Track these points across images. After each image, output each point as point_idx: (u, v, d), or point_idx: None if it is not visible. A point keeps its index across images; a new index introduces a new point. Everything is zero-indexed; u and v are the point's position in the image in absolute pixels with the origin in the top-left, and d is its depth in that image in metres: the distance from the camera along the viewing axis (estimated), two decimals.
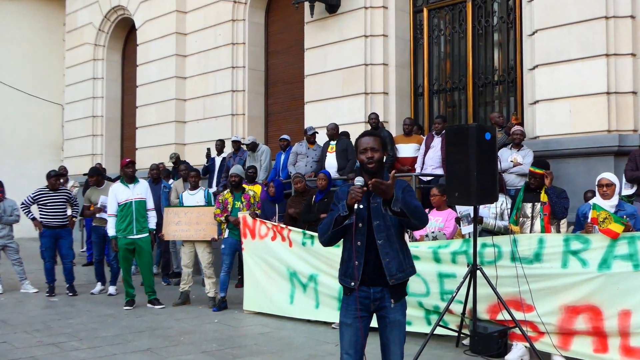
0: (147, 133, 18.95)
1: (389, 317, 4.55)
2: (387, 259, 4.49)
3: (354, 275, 4.51)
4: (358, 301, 4.51)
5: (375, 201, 4.51)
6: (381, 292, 4.53)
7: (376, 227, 4.49)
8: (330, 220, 4.47)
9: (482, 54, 12.76)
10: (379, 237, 4.49)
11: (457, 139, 6.75)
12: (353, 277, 4.52)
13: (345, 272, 4.60)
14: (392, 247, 4.51)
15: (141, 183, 10.66)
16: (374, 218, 4.50)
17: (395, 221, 4.50)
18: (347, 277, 4.57)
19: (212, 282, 10.55)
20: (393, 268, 4.50)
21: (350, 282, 4.54)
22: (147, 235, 10.52)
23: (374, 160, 4.52)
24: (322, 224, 4.58)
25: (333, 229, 4.45)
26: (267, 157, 13.53)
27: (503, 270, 7.03)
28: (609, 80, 10.12)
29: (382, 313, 4.58)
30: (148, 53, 19.02)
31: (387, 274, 4.48)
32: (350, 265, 4.55)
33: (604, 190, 7.34)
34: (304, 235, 9.07)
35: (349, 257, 4.57)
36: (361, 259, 4.49)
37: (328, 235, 4.50)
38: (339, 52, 13.88)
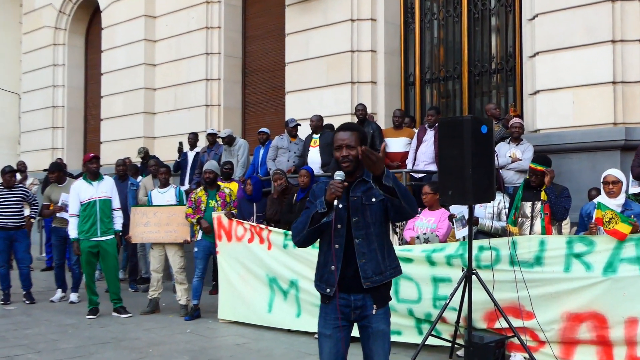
0: (112, 125, 18.85)
1: (371, 327, 4.53)
2: (362, 259, 4.46)
3: (330, 281, 4.49)
4: (339, 309, 4.48)
5: (355, 194, 4.48)
6: (363, 300, 4.51)
7: (354, 224, 4.46)
8: (306, 218, 4.44)
9: (479, 40, 12.79)
10: (357, 235, 4.46)
11: (451, 132, 6.75)
12: (329, 283, 4.50)
13: (321, 278, 4.59)
14: (370, 246, 4.48)
15: (106, 180, 10.60)
16: (352, 214, 4.47)
17: (377, 218, 4.49)
18: (323, 283, 4.56)
19: (183, 289, 10.52)
20: (369, 270, 4.47)
21: (326, 288, 4.53)
22: (112, 237, 10.46)
23: (349, 159, 4.47)
24: (297, 223, 4.55)
25: (309, 227, 4.41)
26: (244, 151, 13.50)
27: (501, 274, 7.05)
28: (615, 69, 10.17)
29: (364, 322, 4.55)
30: (114, 37, 18.92)
31: (361, 277, 4.44)
32: (326, 270, 4.53)
33: (610, 188, 7.38)
34: (285, 236, 9.05)
35: (325, 261, 4.55)
36: (339, 263, 4.46)
37: (303, 234, 4.47)
38: (322, 37, 13.87)
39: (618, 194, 7.35)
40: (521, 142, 10.09)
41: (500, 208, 8.35)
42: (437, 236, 8.46)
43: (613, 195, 7.35)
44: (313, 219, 4.38)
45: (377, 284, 4.49)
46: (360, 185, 4.52)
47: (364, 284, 4.44)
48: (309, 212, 4.43)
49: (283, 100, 14.83)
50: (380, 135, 11.70)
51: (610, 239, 6.65)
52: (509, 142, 10.15)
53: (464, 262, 7.25)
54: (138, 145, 16.66)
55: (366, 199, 4.49)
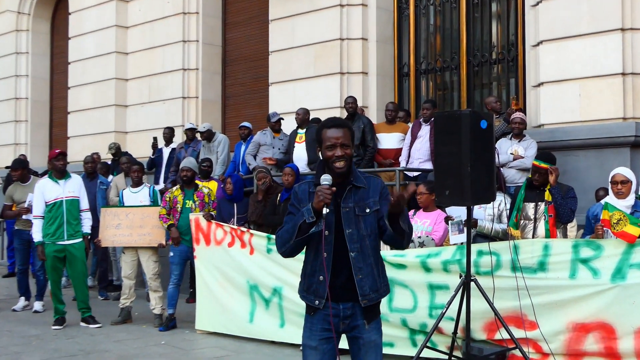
0: (81, 119, 18.79)
1: (362, 338, 4.55)
2: (359, 275, 4.47)
3: (319, 292, 4.50)
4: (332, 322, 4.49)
5: (346, 205, 4.49)
6: (352, 309, 4.53)
7: (349, 236, 4.47)
8: (293, 227, 4.41)
9: (478, 28, 12.83)
10: (352, 248, 4.46)
11: (448, 127, 6.76)
12: (318, 295, 4.50)
13: (308, 289, 4.58)
14: (366, 261, 4.50)
15: (73, 179, 10.57)
16: (345, 225, 4.47)
17: (372, 230, 4.52)
18: (311, 294, 4.55)
19: (158, 297, 10.51)
20: (366, 287, 4.50)
21: (315, 300, 4.52)
22: (80, 240, 10.44)
23: (346, 157, 4.46)
24: (282, 232, 4.52)
25: (296, 238, 4.40)
26: (224, 148, 13.49)
27: (502, 281, 7.07)
28: (625, 59, 10.20)
29: (354, 333, 4.58)
30: (82, 23, 18.85)
31: (359, 294, 4.47)
32: (314, 280, 4.53)
33: (619, 188, 7.41)
34: (268, 240, 9.04)
35: (313, 270, 4.55)
36: (328, 273, 4.47)
37: (290, 245, 4.45)
38: (309, 24, 13.87)
39: (627, 194, 7.39)
40: (524, 138, 10.13)
41: (501, 209, 8.37)
42: (432, 240, 8.48)
43: (622, 196, 7.39)
44: (300, 229, 4.36)
45: (373, 302, 4.54)
46: (351, 193, 4.53)
47: (362, 302, 4.47)
48: (296, 221, 4.40)
49: (266, 92, 14.82)
50: (372, 131, 11.72)
51: (619, 243, 6.68)
52: (511, 138, 10.18)
53: (461, 268, 7.26)
54: (109, 140, 16.60)
55: (359, 209, 4.50)
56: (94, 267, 13.54)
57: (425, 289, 7.70)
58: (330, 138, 4.48)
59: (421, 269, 7.70)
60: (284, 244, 4.50)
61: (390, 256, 7.65)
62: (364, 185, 4.54)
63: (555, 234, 7.73)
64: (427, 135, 11.11)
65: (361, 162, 11.43)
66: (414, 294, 7.75)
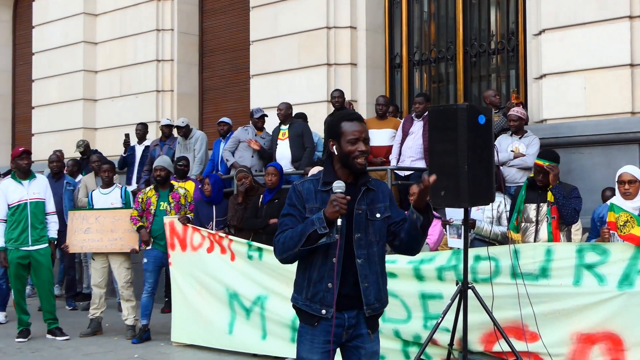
0: (46, 114, 18.74)
1: (365, 348, 4.60)
2: (365, 283, 4.52)
3: (326, 300, 4.50)
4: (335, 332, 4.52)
5: (360, 207, 4.52)
6: (356, 317, 4.58)
7: (357, 242, 4.51)
8: (300, 235, 4.40)
9: (476, 15, 12.87)
10: (360, 254, 4.50)
11: (443, 123, 6.78)
12: (325, 303, 4.51)
13: (313, 297, 4.57)
14: (372, 269, 4.55)
15: (38, 179, 10.54)
16: (355, 229, 4.50)
17: (381, 236, 4.57)
18: (316, 303, 4.55)
19: (130, 307, 10.49)
20: (371, 296, 4.55)
21: (321, 309, 4.53)
22: (46, 246, 10.41)
23: (367, 154, 4.54)
24: (286, 238, 4.50)
25: (303, 246, 4.40)
26: (202, 145, 13.45)
27: (501, 289, 7.08)
28: (633, 49, 10.25)
29: (356, 342, 4.62)
30: (47, 10, 18.81)
31: (364, 302, 4.51)
32: (322, 287, 4.52)
33: (626, 188, 7.45)
34: (249, 247, 9.06)
35: (320, 277, 4.54)
36: (338, 280, 4.49)
37: (294, 253, 4.47)
38: (294, 11, 13.88)
39: (635, 194, 7.42)
40: (525, 135, 10.14)
41: (501, 211, 8.41)
42: (427, 244, 8.49)
43: (629, 197, 7.42)
44: (309, 238, 4.36)
45: (376, 312, 4.61)
46: (366, 195, 4.58)
47: (366, 312, 4.53)
48: (304, 229, 4.39)
49: (247, 85, 14.82)
50: None
51: (626, 247, 6.72)
52: (511, 135, 10.20)
53: (457, 275, 7.27)
54: (77, 137, 16.53)
55: (370, 213, 4.55)
56: (61, 274, 13.51)
57: (417, 300, 7.71)
58: (353, 132, 4.50)
59: (413, 277, 7.71)
60: (285, 250, 4.50)
61: None
62: (374, 188, 4.60)
63: (558, 237, 7.76)
64: (419, 131, 11.13)
65: None
66: (405, 305, 7.76)
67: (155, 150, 13.71)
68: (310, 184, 4.60)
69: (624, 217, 6.75)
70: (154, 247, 10.24)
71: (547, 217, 7.81)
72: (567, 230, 7.95)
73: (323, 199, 4.48)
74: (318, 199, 4.50)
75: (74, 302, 13.06)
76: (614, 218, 6.83)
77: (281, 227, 4.58)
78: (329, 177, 4.53)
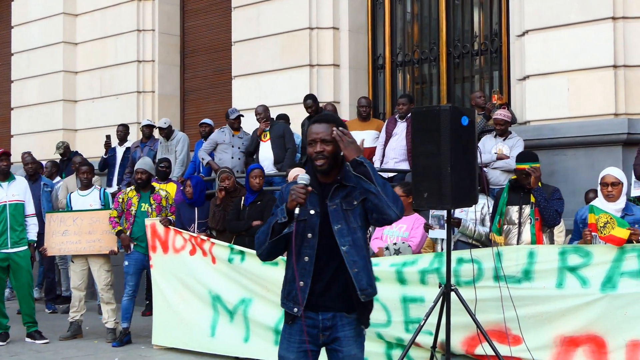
0: (26, 115, 18.67)
1: (342, 351, 4.61)
2: (355, 268, 4.54)
3: (297, 298, 4.55)
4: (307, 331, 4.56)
5: (333, 203, 4.57)
6: (332, 320, 4.60)
7: (338, 232, 4.54)
8: (268, 228, 4.51)
9: (459, 16, 12.89)
10: (344, 242, 4.53)
11: (426, 124, 6.77)
12: (297, 301, 4.56)
13: (288, 295, 4.65)
14: (360, 253, 4.58)
15: (18, 181, 10.51)
16: (334, 222, 4.55)
17: (362, 222, 4.59)
18: (290, 301, 4.62)
19: (111, 309, 10.45)
20: (363, 280, 4.57)
21: (294, 307, 4.58)
22: (25, 248, 10.37)
23: (324, 155, 4.55)
24: (259, 233, 4.62)
25: (270, 239, 4.49)
26: (184, 147, 13.43)
27: (484, 291, 7.08)
28: (617, 50, 10.29)
29: (334, 346, 4.63)
30: (27, 10, 18.73)
31: (357, 287, 4.53)
32: (294, 286, 4.59)
33: (609, 190, 7.47)
34: (231, 250, 9.04)
35: (293, 276, 4.60)
36: (308, 278, 4.54)
37: (266, 247, 4.56)
38: (276, 11, 13.87)
39: (618, 197, 7.44)
40: (509, 136, 10.14)
41: (484, 213, 8.42)
42: (409, 246, 8.48)
43: (612, 199, 7.44)
44: (274, 230, 4.46)
45: (371, 297, 4.63)
46: (338, 191, 4.62)
47: (361, 297, 4.55)
48: (270, 221, 4.52)
49: (229, 86, 14.81)
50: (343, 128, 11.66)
51: (609, 249, 6.74)
52: (495, 136, 10.21)
53: (440, 278, 7.27)
54: (56, 139, 16.47)
55: (346, 204, 4.59)
56: (40, 277, 13.47)
57: (398, 303, 7.70)
58: (311, 133, 4.62)
59: (396, 281, 7.71)
60: (259, 245, 4.61)
61: None
62: (353, 184, 4.61)
63: (541, 239, 7.78)
64: (403, 132, 11.13)
65: None
66: (386, 310, 7.75)
67: (136, 152, 13.68)
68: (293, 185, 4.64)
69: (604, 218, 6.79)
70: (135, 249, 10.21)
71: (530, 219, 7.82)
72: (550, 232, 7.96)
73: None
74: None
75: (53, 304, 13.01)
76: (594, 220, 6.86)
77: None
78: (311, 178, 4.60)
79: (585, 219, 7.43)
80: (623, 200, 7.48)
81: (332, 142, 4.57)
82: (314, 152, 4.56)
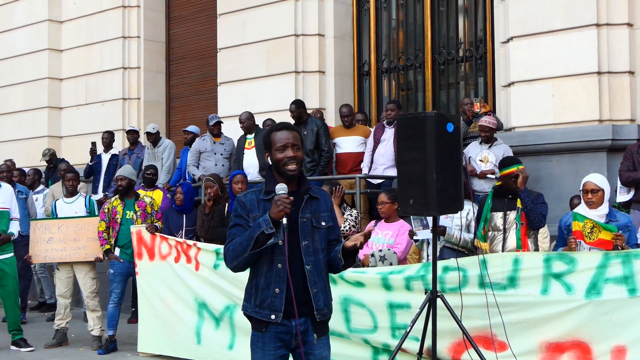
0: (10, 122, 18.58)
1: (314, 354, 4.71)
2: (314, 289, 4.66)
3: (275, 305, 4.62)
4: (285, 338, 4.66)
5: (304, 216, 4.65)
6: (305, 324, 4.69)
7: (305, 249, 4.63)
8: (248, 239, 4.51)
9: (444, 23, 12.93)
10: (308, 261, 4.63)
11: (412, 131, 6.76)
12: (273, 308, 4.63)
13: (261, 303, 4.69)
14: (320, 275, 4.70)
15: (3, 188, 10.49)
16: (302, 237, 4.64)
17: (324, 245, 4.72)
18: (265, 308, 4.66)
19: (96, 317, 10.43)
20: (320, 301, 4.69)
21: (271, 314, 4.64)
22: (11, 255, 10.36)
23: (298, 160, 4.64)
24: (233, 245, 4.63)
25: (252, 250, 4.50)
26: (170, 154, 13.40)
27: (469, 298, 7.08)
28: (600, 57, 10.35)
29: (305, 349, 4.70)
30: (11, 17, 18.67)
31: (314, 308, 4.64)
32: (269, 293, 4.64)
33: (589, 197, 7.51)
34: (216, 255, 9.01)
35: (267, 283, 4.66)
36: (282, 284, 4.61)
37: (244, 258, 4.57)
38: (261, 18, 13.87)
39: (599, 204, 7.46)
40: (495, 143, 10.13)
41: (470, 219, 8.44)
42: (394, 253, 8.48)
43: (593, 206, 7.47)
44: (257, 241, 4.47)
45: (326, 317, 4.75)
46: (309, 203, 4.72)
47: (317, 317, 4.66)
48: (251, 233, 4.50)
49: (215, 92, 14.81)
50: (327, 134, 11.70)
51: (593, 256, 6.76)
52: (481, 143, 10.21)
53: (425, 285, 7.28)
54: (42, 146, 16.47)
55: (316, 221, 4.70)
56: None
57: (385, 309, 7.70)
58: (280, 139, 4.64)
59: (381, 287, 7.71)
60: (235, 257, 4.60)
61: (350, 272, 7.65)
62: (317, 196, 4.74)
63: (527, 243, 7.80)
64: (391, 138, 11.12)
65: (316, 168, 11.46)
66: (372, 315, 7.76)
67: (124, 159, 13.66)
68: (253, 195, 4.74)
69: (589, 224, 6.84)
70: (121, 256, 10.18)
71: (516, 224, 7.85)
72: (534, 237, 7.98)
73: (265, 208, 4.60)
74: (261, 208, 4.65)
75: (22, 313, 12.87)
76: (580, 227, 6.90)
77: (230, 237, 4.70)
78: (270, 187, 4.66)
79: (569, 225, 7.46)
80: (606, 206, 7.50)
81: (300, 149, 4.68)
82: (285, 157, 4.60)
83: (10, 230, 10.38)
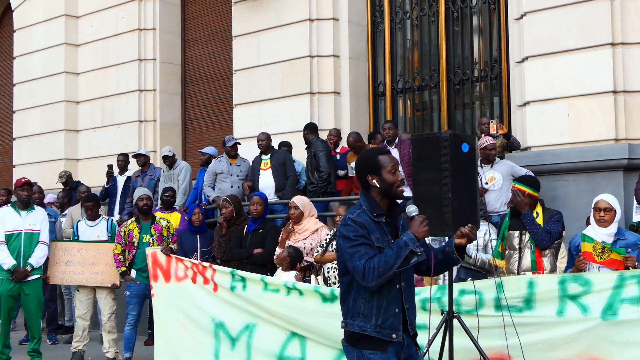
0: (28, 145, 18.70)
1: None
2: (407, 304, 4.96)
3: (394, 325, 4.89)
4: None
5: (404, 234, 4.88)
6: (408, 338, 5.00)
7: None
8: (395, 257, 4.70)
9: (459, 43, 12.94)
10: (402, 277, 4.91)
11: (427, 151, 6.74)
12: (393, 328, 4.89)
13: (383, 323, 4.87)
14: (410, 291, 5.02)
15: (37, 211, 10.55)
16: None
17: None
18: (387, 328, 4.87)
19: (112, 339, 10.44)
20: (412, 316, 5.03)
21: (392, 334, 4.87)
22: (37, 277, 10.34)
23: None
24: (379, 263, 4.74)
25: (398, 268, 4.71)
26: (186, 176, 13.40)
27: (485, 320, 7.07)
28: (616, 76, 10.34)
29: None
30: (29, 41, 18.79)
31: (408, 322, 4.95)
32: (390, 313, 4.89)
33: (601, 215, 7.49)
34: (232, 277, 8.99)
35: (387, 303, 4.88)
36: (399, 304, 4.93)
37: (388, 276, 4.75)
38: (276, 40, 13.93)
39: (610, 223, 7.45)
40: (496, 162, 10.09)
41: (487, 240, 8.41)
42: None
43: (604, 224, 7.46)
44: (406, 259, 4.69)
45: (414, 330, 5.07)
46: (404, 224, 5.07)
47: (410, 331, 4.98)
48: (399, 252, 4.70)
49: (230, 114, 14.86)
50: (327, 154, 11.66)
51: (609, 277, 6.75)
52: (482, 166, 10.12)
53: (441, 306, 7.26)
54: (58, 168, 16.53)
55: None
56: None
57: None
58: (392, 160, 4.96)
59: None
60: (380, 275, 4.74)
61: None
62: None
63: (542, 264, 7.78)
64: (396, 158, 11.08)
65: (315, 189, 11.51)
66: None
67: (137, 182, 13.70)
68: (364, 216, 4.90)
69: (599, 245, 6.84)
70: (137, 279, 10.20)
71: (530, 245, 7.83)
72: (551, 256, 7.94)
73: (381, 229, 4.88)
74: (378, 229, 4.88)
75: (54, 335, 12.97)
76: (590, 248, 6.91)
77: (363, 256, 4.79)
78: (377, 209, 4.92)
79: (579, 246, 7.46)
80: (615, 226, 7.49)
81: None
82: (398, 180, 4.92)
83: (35, 253, 10.34)
